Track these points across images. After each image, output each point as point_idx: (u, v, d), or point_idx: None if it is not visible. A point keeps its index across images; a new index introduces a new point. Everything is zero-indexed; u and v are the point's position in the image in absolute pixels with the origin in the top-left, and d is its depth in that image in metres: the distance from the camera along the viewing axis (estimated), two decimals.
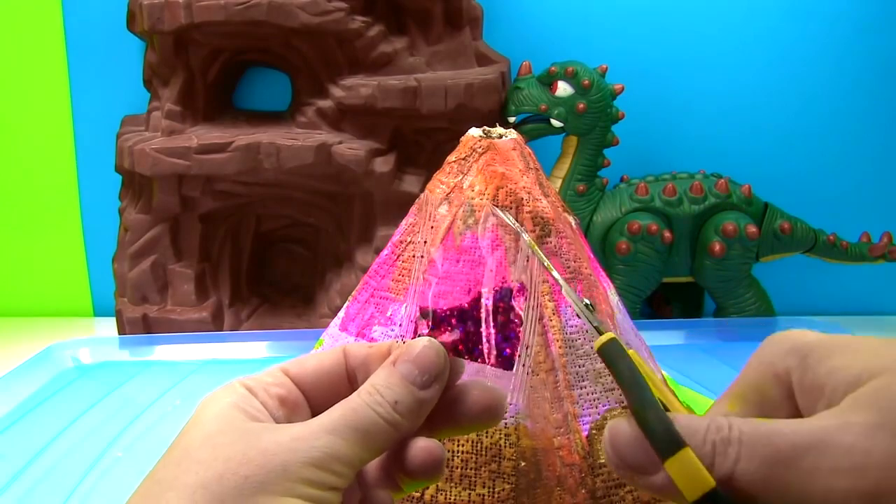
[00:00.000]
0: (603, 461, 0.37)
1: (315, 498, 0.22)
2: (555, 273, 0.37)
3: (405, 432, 0.25)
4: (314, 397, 0.27)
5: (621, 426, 0.22)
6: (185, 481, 0.22)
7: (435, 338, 0.26)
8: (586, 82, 0.75)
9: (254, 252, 0.83)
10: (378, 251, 0.72)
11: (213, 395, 0.25)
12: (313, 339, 0.45)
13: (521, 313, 0.38)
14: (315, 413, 0.25)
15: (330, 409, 0.24)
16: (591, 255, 0.44)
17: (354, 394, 0.25)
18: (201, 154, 0.71)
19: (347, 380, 0.27)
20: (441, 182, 0.42)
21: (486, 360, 0.37)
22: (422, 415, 0.26)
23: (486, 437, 0.37)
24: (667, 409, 0.22)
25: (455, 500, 0.36)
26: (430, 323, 0.38)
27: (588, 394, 0.38)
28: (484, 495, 0.36)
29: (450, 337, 0.37)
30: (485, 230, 0.40)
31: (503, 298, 0.38)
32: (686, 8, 0.84)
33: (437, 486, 0.36)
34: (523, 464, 0.37)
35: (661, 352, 0.49)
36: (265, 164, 0.72)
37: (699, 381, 0.62)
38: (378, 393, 0.25)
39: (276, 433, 0.23)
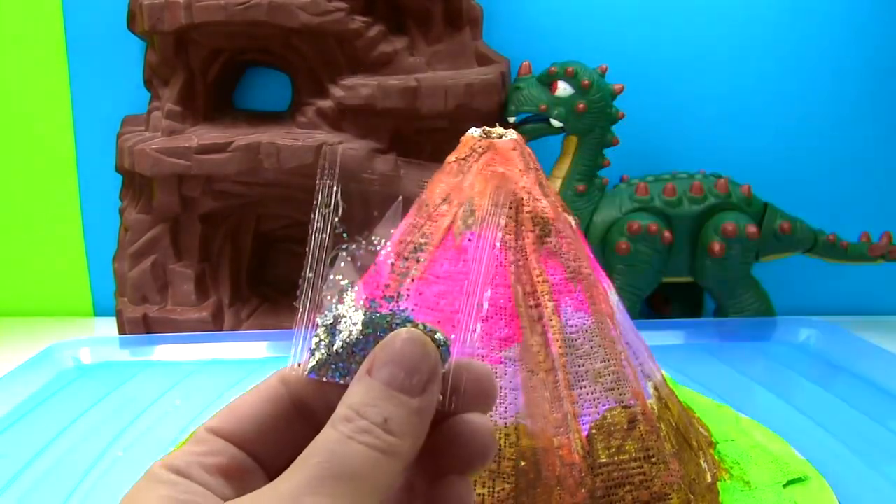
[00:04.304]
0: (603, 461, 0.37)
1: None
2: None
3: (408, 459, 0.19)
4: (263, 452, 0.21)
5: None
6: None
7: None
8: (586, 82, 0.75)
9: (254, 252, 0.83)
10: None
11: (133, 495, 0.18)
12: None
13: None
14: (272, 473, 0.20)
15: (297, 462, 0.18)
16: (591, 255, 0.44)
17: (326, 428, 0.19)
18: (201, 154, 0.71)
19: (299, 416, 0.21)
20: (441, 182, 0.42)
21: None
22: (423, 430, 0.19)
23: None
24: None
25: None
26: None
27: (588, 393, 0.38)
28: (484, 495, 0.36)
29: None
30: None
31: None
32: (686, 8, 0.84)
33: None
34: (523, 463, 0.37)
35: (661, 352, 0.49)
36: (265, 164, 0.72)
37: (699, 381, 0.62)
38: (358, 416, 0.19)
39: None
